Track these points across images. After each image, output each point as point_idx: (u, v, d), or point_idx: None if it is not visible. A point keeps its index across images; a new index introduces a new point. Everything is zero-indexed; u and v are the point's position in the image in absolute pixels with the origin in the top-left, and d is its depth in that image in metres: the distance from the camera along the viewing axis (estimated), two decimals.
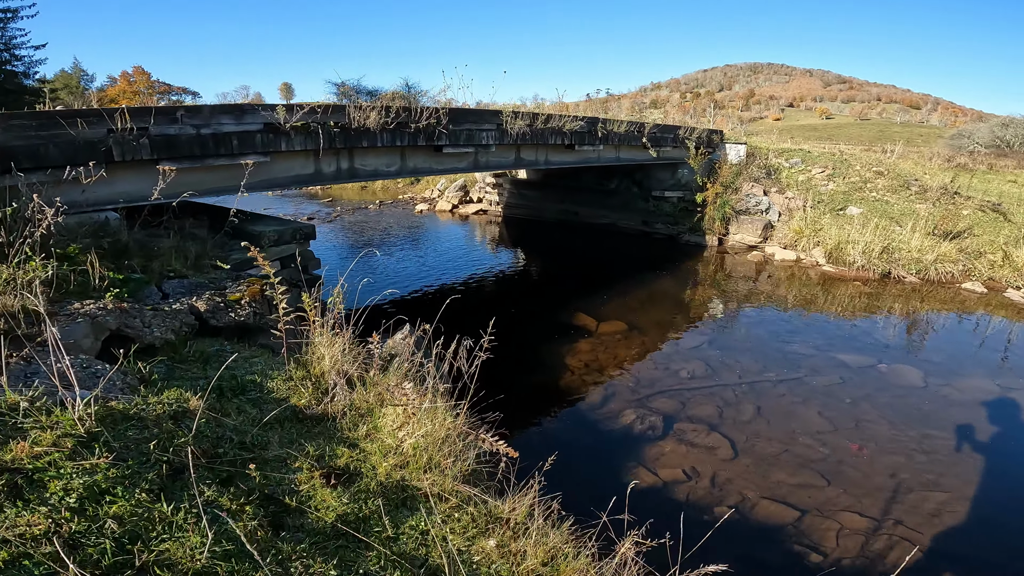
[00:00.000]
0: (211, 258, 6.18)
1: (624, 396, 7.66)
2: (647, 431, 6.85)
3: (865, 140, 31.52)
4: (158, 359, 3.80)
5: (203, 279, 5.63)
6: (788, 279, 12.76)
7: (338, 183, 8.04)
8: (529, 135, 9.89)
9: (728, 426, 7.00)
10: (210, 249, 6.28)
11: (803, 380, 8.17)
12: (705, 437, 6.78)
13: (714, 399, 7.67)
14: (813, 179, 16.15)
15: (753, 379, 8.22)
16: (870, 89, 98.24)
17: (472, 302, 11.02)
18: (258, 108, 6.56)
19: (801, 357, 8.88)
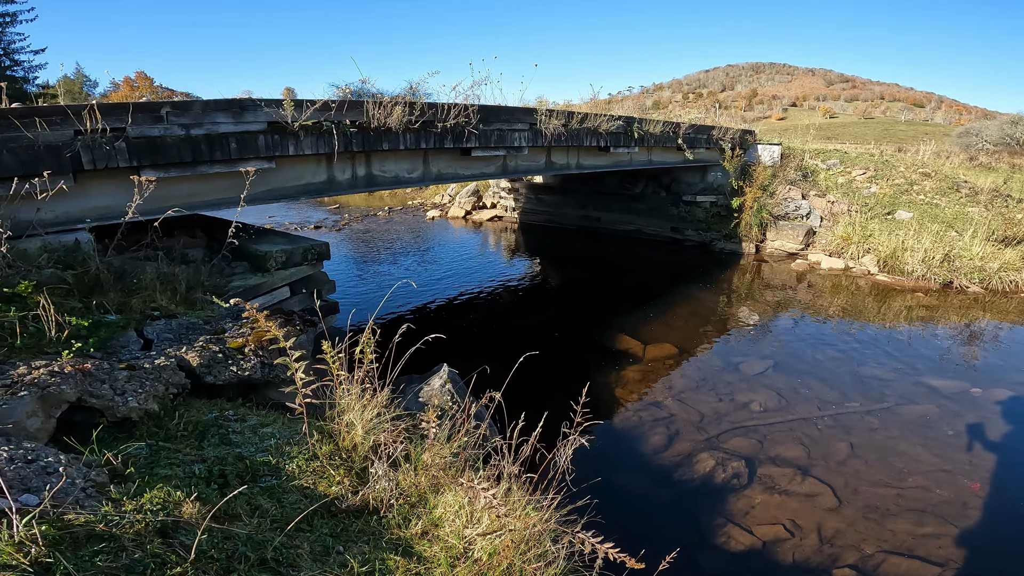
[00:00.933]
0: (207, 288, 5.03)
1: (691, 435, 6.53)
2: (730, 479, 5.74)
3: (870, 138, 30.28)
4: (135, 442, 2.70)
5: (196, 317, 4.47)
6: (839, 290, 11.57)
7: (354, 192, 6.89)
8: (564, 136, 8.73)
9: (821, 468, 5.92)
10: (205, 277, 5.13)
11: (894, 410, 7.01)
12: (798, 483, 5.70)
13: (796, 436, 6.55)
14: (854, 181, 14.97)
15: (835, 410, 7.08)
16: (873, 88, 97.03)
17: (500, 322, 9.86)
18: (260, 104, 5.41)
19: (882, 382, 7.70)
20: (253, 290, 5.58)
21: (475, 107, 7.13)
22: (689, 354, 8.56)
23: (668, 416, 6.94)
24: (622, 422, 6.79)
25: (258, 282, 5.66)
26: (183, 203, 5.33)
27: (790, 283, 12.05)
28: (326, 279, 6.56)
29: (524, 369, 3.39)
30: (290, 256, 6.07)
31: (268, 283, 5.76)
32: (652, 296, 11.12)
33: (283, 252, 6.02)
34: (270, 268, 5.94)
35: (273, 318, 4.63)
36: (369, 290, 11.34)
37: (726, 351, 8.70)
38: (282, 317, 4.66)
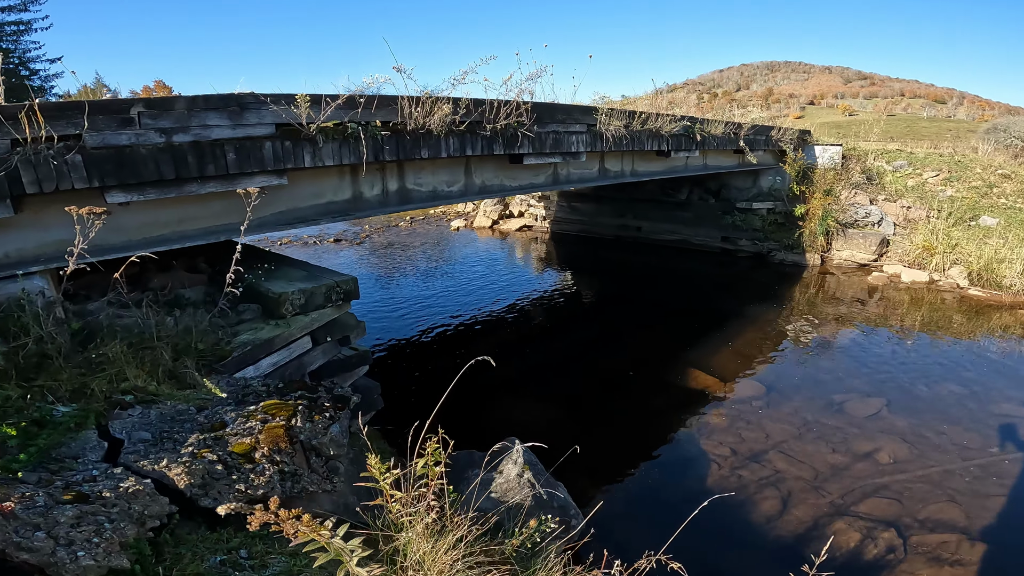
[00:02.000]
0: (202, 352, 3.70)
1: (809, 498, 5.17)
2: (883, 555, 4.47)
3: (894, 136, 28.43)
4: None
5: (186, 402, 3.13)
6: (930, 307, 10.00)
7: (385, 212, 5.55)
8: (626, 139, 7.32)
9: (988, 528, 4.57)
10: (200, 334, 3.80)
11: None
12: (968, 549, 4.58)
13: (943, 492, 5.21)
14: (926, 184, 13.35)
15: (980, 458, 5.73)
16: (892, 84, 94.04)
17: (540, 349, 8.43)
18: (266, 100, 4.08)
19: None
20: (265, 346, 4.23)
21: (528, 105, 5.75)
22: (778, 392, 7.09)
23: (774, 474, 5.54)
24: (718, 483, 5.38)
25: (271, 334, 4.30)
26: (160, 235, 4.02)
27: (870, 299, 10.49)
28: (354, 321, 5.19)
29: (577, 413, 2.47)
30: (311, 297, 4.71)
31: (284, 335, 4.39)
32: (714, 317, 9.64)
33: (302, 293, 4.66)
34: (286, 314, 4.58)
35: (290, 398, 3.30)
36: (395, 312, 10.00)
37: (821, 386, 7.21)
38: (305, 399, 3.31)
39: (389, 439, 5.70)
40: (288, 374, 4.53)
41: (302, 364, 4.68)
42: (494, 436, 5.88)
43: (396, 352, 8.37)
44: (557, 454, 3.70)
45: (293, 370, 4.58)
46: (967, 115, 70.58)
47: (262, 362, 4.27)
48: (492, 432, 6.02)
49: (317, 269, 5.33)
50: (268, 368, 4.33)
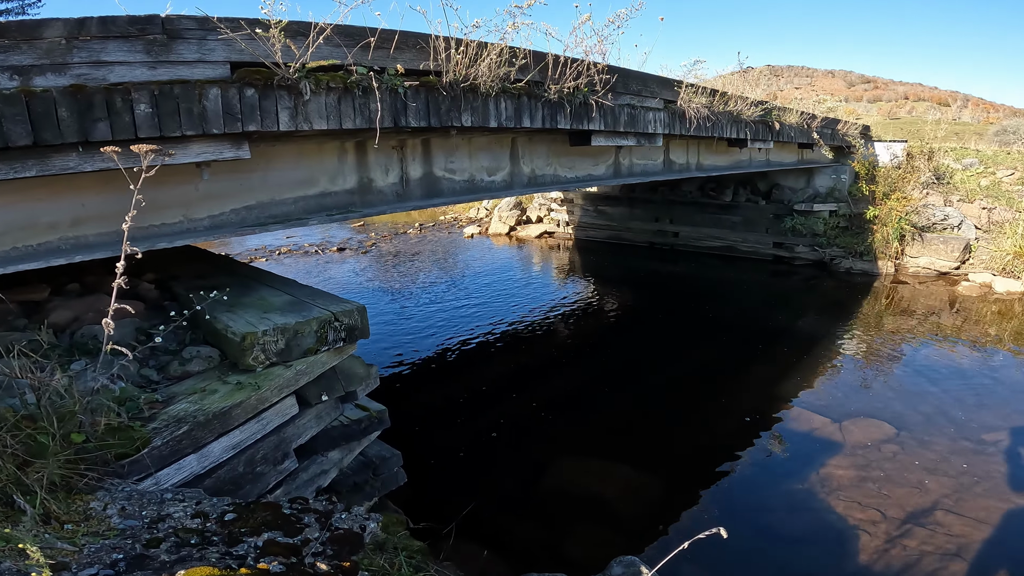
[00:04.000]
0: (97, 444, 1.97)
1: None
2: None
3: (907, 136, 26.89)
4: None
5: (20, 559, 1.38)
6: None
7: (404, 208, 3.81)
8: (709, 122, 5.57)
9: None
10: (94, 409, 2.07)
11: None
12: None
13: None
14: (1001, 183, 11.59)
15: None
16: (896, 88, 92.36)
17: (586, 378, 6.63)
18: (215, 26, 2.37)
19: None
20: (218, 422, 2.49)
21: (603, 66, 4.01)
22: (909, 432, 5.35)
23: (952, 540, 3.84)
24: (882, 562, 3.68)
25: (228, 402, 2.54)
26: (40, 244, 2.30)
27: (964, 312, 8.69)
28: (362, 369, 3.39)
29: (654, 469, 2.97)
30: (295, 338, 2.94)
31: (251, 401, 2.64)
32: (786, 337, 7.84)
33: (280, 333, 2.88)
34: (255, 365, 2.83)
35: (245, 548, 1.57)
36: (408, 331, 8.22)
37: (958, 424, 5.49)
38: (276, 550, 1.55)
39: (413, 515, 3.93)
40: (261, 457, 2.77)
41: (283, 439, 2.91)
42: (561, 518, 4.29)
43: (413, 384, 6.60)
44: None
45: (269, 450, 2.81)
46: (972, 118, 68.70)
47: (212, 447, 2.51)
48: (557, 514, 4.30)
49: (307, 292, 3.57)
50: (224, 454, 2.57)
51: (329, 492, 3.26)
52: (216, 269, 4.37)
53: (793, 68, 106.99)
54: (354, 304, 3.28)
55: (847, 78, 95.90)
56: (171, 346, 3.07)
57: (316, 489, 3.14)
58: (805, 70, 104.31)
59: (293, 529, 1.81)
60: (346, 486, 3.44)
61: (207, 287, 3.69)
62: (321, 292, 3.58)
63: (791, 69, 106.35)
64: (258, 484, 2.70)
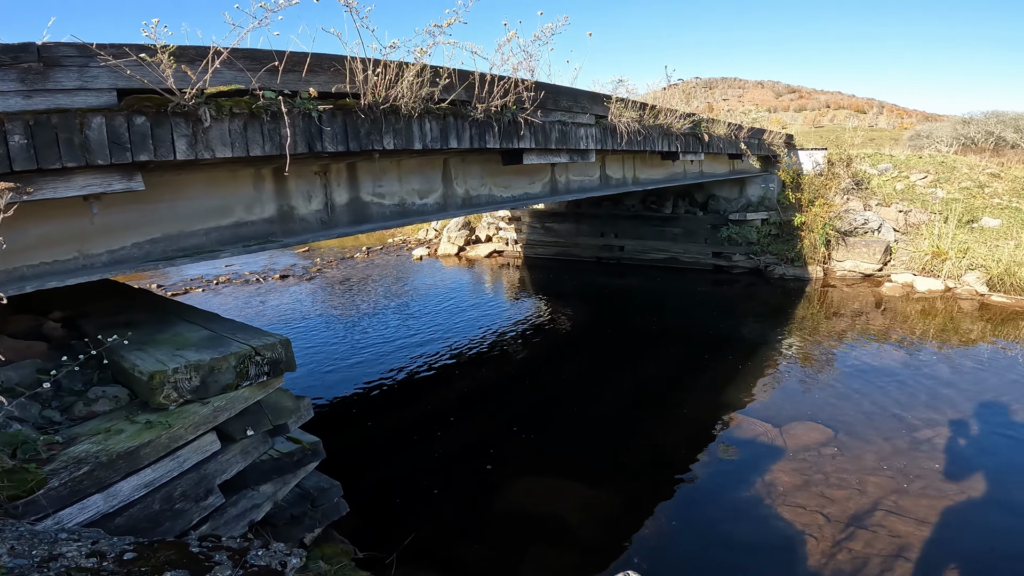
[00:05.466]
0: None
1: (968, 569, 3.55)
2: None
3: (829, 144, 28.71)
4: None
5: None
6: (956, 317, 8.71)
7: (330, 236, 3.62)
8: (639, 135, 5.66)
9: None
10: (2, 443, 1.80)
11: None
12: None
13: None
14: (914, 187, 12.38)
15: None
16: (819, 97, 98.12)
17: (536, 395, 6.52)
18: (96, 52, 2.17)
19: None
20: (127, 460, 2.27)
21: (531, 83, 3.98)
22: (847, 433, 5.52)
23: (895, 541, 3.93)
24: (830, 566, 3.71)
25: (136, 441, 2.37)
26: None
27: (890, 312, 9.14)
28: (291, 402, 3.21)
29: (606, 485, 3.14)
30: (211, 375, 2.74)
31: (162, 440, 2.44)
32: (727, 345, 8.01)
33: (194, 370, 2.69)
34: (166, 403, 2.61)
35: None
36: (356, 359, 7.91)
37: (893, 422, 5.70)
38: None
39: (362, 544, 3.71)
40: (180, 494, 2.58)
41: (205, 476, 2.71)
42: (515, 539, 4.19)
43: (363, 411, 6.33)
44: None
45: (189, 487, 2.62)
46: (888, 124, 73.60)
47: (120, 486, 2.35)
48: (512, 535, 4.16)
49: (228, 326, 3.35)
50: (135, 492, 2.43)
51: (265, 526, 3.12)
52: (132, 304, 4.07)
53: (726, 80, 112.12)
54: (277, 337, 3.11)
55: (775, 88, 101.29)
56: (76, 386, 2.90)
57: (249, 523, 2.98)
58: (737, 81, 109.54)
59: (201, 568, 1.64)
60: (283, 519, 3.28)
61: (120, 324, 3.46)
62: (243, 326, 3.38)
63: (724, 81, 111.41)
64: (180, 521, 2.55)
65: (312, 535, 3.39)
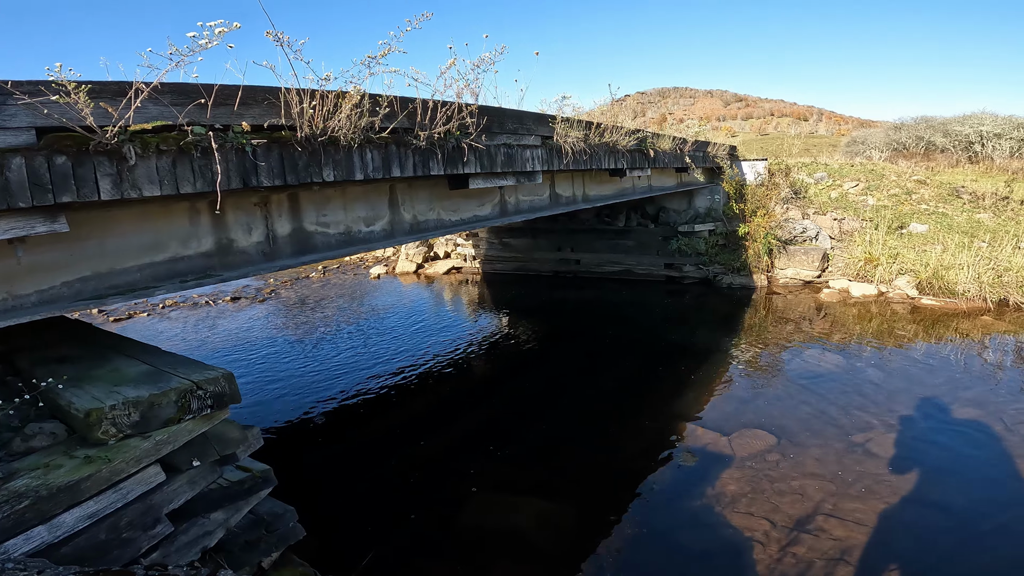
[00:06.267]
0: None
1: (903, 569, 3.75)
2: None
3: (773, 152, 30.03)
4: None
5: None
6: (889, 321, 9.20)
7: (273, 268, 3.54)
8: (585, 155, 5.79)
9: None
10: None
11: None
12: None
13: None
14: (847, 195, 13.07)
15: None
16: (764, 105, 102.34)
17: (494, 412, 6.52)
18: (8, 89, 2.08)
19: None
20: (68, 493, 2.20)
21: (474, 107, 4.03)
22: (789, 439, 5.70)
23: (837, 544, 4.09)
24: (777, 571, 3.80)
25: (76, 476, 2.33)
26: None
27: (828, 317, 9.58)
28: (238, 433, 3.14)
29: (566, 497, 3.23)
30: (151, 410, 2.67)
31: (103, 473, 2.40)
32: (678, 355, 8.23)
33: (133, 406, 2.62)
34: (104, 439, 2.54)
35: None
36: (313, 382, 7.70)
37: (831, 426, 5.91)
38: None
39: (323, 566, 3.67)
40: (127, 524, 2.56)
41: (151, 506, 2.71)
42: (477, 556, 4.19)
43: (322, 433, 6.18)
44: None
45: (135, 516, 2.63)
46: (827, 130, 77.30)
47: (63, 518, 2.35)
48: (473, 551, 4.16)
49: (168, 360, 3.25)
50: (80, 523, 2.40)
51: (219, 552, 3.13)
52: (70, 338, 3.89)
53: (679, 89, 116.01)
54: (220, 371, 3.05)
55: (723, 97, 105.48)
56: (14, 422, 2.81)
57: (201, 550, 2.99)
58: (689, 91, 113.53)
59: None
60: (237, 544, 3.27)
61: (56, 359, 3.33)
62: (184, 360, 3.29)
63: (677, 91, 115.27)
64: (128, 549, 2.54)
65: (270, 559, 3.40)
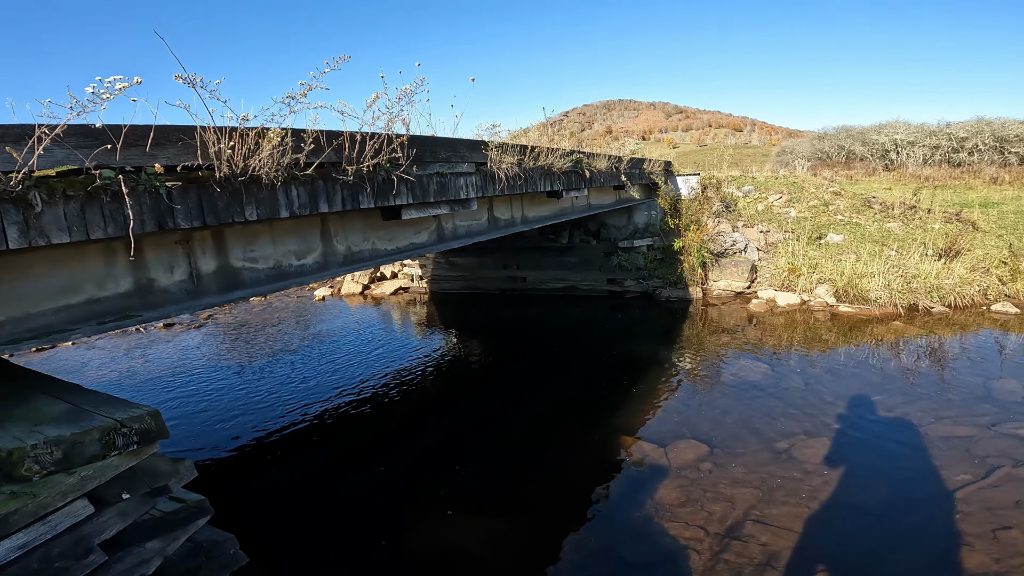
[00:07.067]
0: None
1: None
2: None
3: (710, 164, 31.50)
4: None
5: None
6: (811, 328, 9.79)
7: (199, 307, 3.45)
8: (520, 179, 5.94)
9: None
10: None
11: None
12: None
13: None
14: (772, 207, 13.88)
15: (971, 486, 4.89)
16: (702, 116, 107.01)
17: (440, 434, 6.50)
18: None
19: (980, 444, 5.64)
20: None
21: (404, 138, 4.08)
22: (721, 448, 5.94)
23: (763, 550, 4.36)
24: None
25: (1, 511, 2.22)
26: None
27: (757, 327, 10.10)
28: (168, 466, 3.13)
29: (514, 516, 3.22)
30: (74, 448, 2.64)
31: (29, 508, 2.40)
32: (619, 368, 8.48)
33: (54, 445, 2.58)
34: (28, 476, 2.48)
35: None
36: (254, 411, 7.44)
37: (759, 433, 6.20)
38: None
39: None
40: (58, 554, 2.57)
41: (82, 536, 2.74)
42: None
43: (266, 461, 6.03)
44: None
45: (67, 547, 2.62)
46: (759, 140, 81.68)
47: None
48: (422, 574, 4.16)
49: (90, 399, 3.17)
50: (11, 553, 2.46)
51: None
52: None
53: (623, 102, 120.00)
54: (145, 409, 3.07)
55: (665, 109, 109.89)
56: None
57: None
58: (633, 103, 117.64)
59: None
60: (177, 572, 3.35)
61: None
62: (108, 398, 3.26)
63: (622, 103, 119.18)
64: None
65: None
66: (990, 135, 26.21)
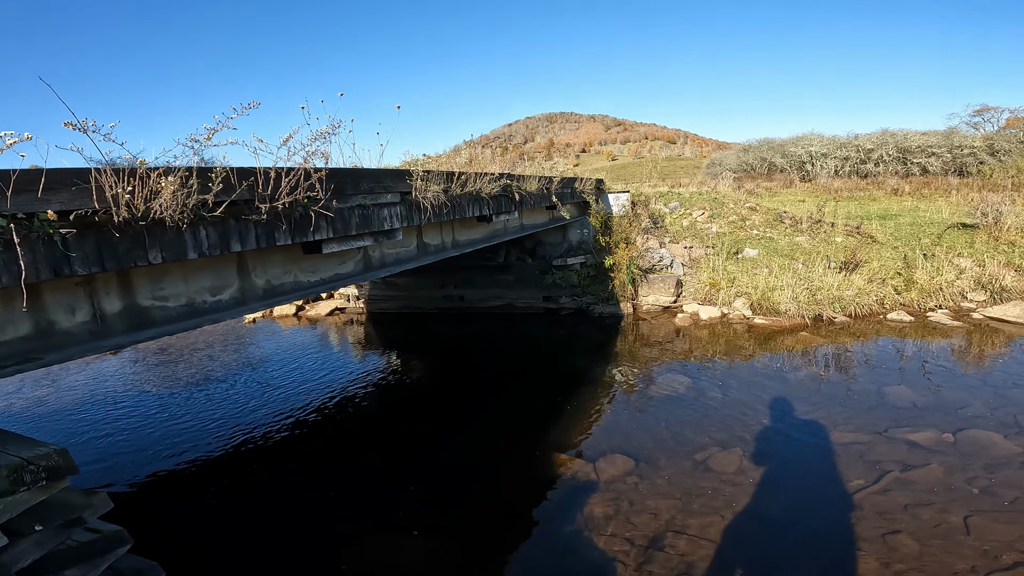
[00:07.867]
0: None
1: None
2: None
3: (645, 176, 32.90)
4: None
5: None
6: (730, 340, 10.41)
7: (105, 348, 3.34)
8: (447, 207, 6.06)
9: None
10: None
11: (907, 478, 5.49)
12: None
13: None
14: (696, 223, 14.66)
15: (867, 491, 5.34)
16: (639, 129, 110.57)
17: (376, 456, 6.46)
18: None
19: (872, 446, 6.19)
20: None
21: (323, 172, 4.12)
22: (646, 461, 6.23)
23: (681, 560, 4.66)
24: None
25: None
26: None
27: (681, 340, 10.63)
28: (82, 499, 3.13)
29: (449, 537, 3.26)
30: None
31: None
32: (553, 384, 8.71)
33: None
34: None
35: None
36: (179, 440, 7.11)
37: (681, 445, 6.55)
38: None
39: None
40: None
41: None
42: None
43: (194, 489, 5.82)
44: None
45: None
46: (691, 152, 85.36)
47: None
48: None
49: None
50: None
51: None
52: None
53: (565, 114, 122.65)
54: (52, 447, 3.09)
55: (604, 122, 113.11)
56: None
57: None
58: (575, 116, 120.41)
59: None
60: None
61: None
62: (14, 436, 3.24)
63: (563, 115, 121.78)
64: None
65: None
66: (894, 146, 28.77)
